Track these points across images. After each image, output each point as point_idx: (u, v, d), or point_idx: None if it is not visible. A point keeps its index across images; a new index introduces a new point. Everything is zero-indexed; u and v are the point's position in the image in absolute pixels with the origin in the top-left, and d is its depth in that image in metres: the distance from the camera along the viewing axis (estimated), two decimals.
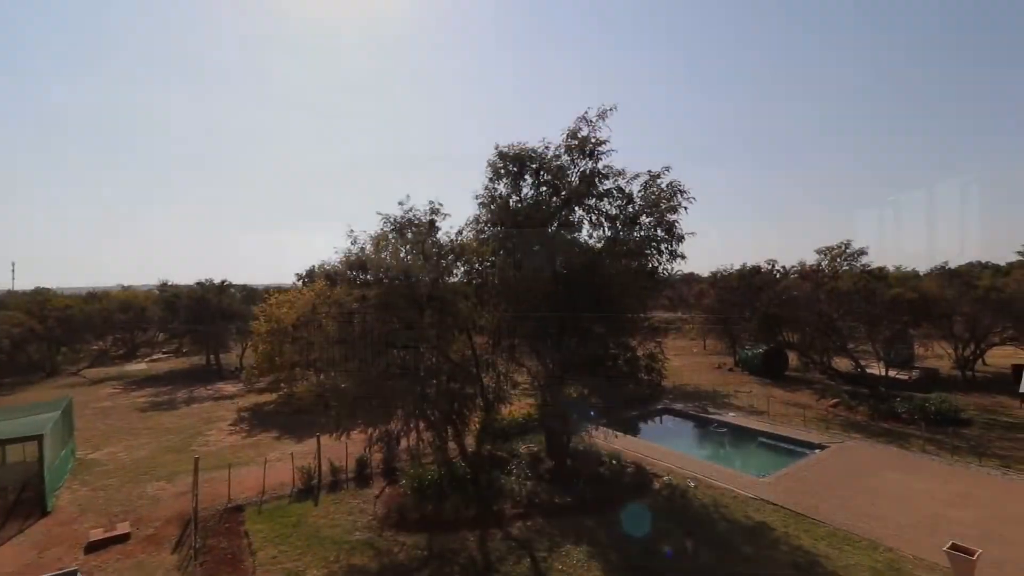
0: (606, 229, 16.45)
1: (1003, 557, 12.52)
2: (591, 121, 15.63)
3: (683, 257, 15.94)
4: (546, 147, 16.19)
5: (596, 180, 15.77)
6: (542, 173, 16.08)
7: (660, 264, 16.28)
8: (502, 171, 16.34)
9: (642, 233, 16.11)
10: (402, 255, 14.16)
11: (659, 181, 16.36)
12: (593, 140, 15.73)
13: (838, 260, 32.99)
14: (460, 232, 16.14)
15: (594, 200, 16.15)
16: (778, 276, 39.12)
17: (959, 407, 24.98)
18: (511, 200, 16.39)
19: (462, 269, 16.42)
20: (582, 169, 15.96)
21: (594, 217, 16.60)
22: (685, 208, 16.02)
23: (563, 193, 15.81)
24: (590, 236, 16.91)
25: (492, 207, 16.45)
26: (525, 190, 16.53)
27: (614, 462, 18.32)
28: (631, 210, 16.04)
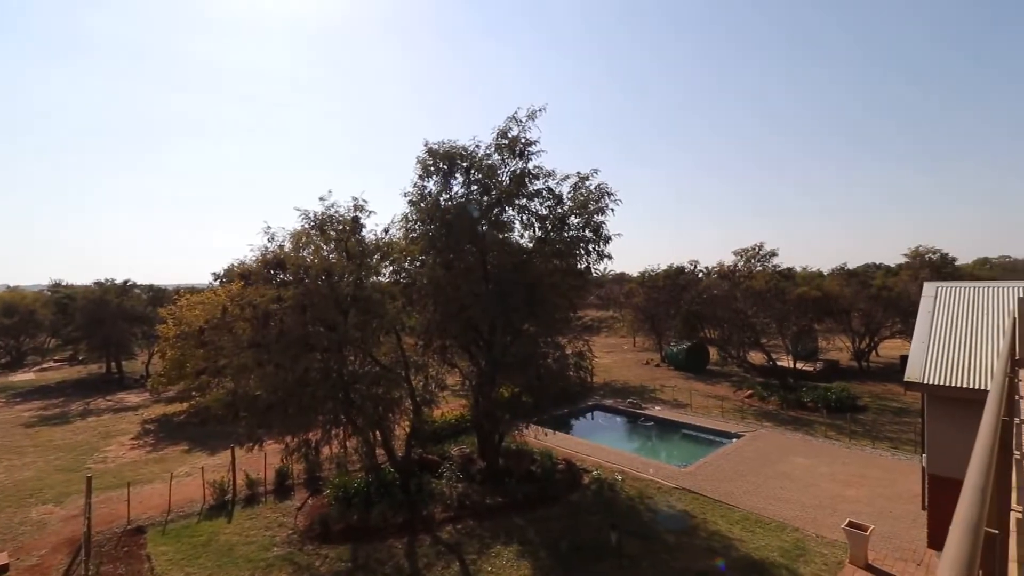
0: (536, 229, 16.52)
1: (891, 531, 13.79)
2: (521, 121, 15.63)
3: (610, 257, 16.33)
4: (477, 145, 16.02)
5: (526, 180, 15.78)
6: (473, 172, 15.88)
7: (589, 264, 16.57)
8: (432, 168, 15.98)
9: (571, 233, 16.31)
10: (324, 253, 13.45)
11: (588, 183, 16.63)
12: (523, 140, 15.74)
13: (753, 261, 35.30)
14: (387, 230, 15.62)
15: (524, 200, 16.16)
16: (700, 276, 41.25)
17: (856, 395, 27.48)
18: (441, 198, 16.06)
19: (390, 268, 15.93)
20: (512, 169, 15.92)
21: (525, 217, 16.64)
22: (612, 210, 16.41)
23: (493, 192, 15.70)
24: (521, 236, 16.94)
25: (422, 205, 16.04)
26: (456, 188, 16.28)
27: (546, 460, 18.48)
28: (561, 211, 16.19)
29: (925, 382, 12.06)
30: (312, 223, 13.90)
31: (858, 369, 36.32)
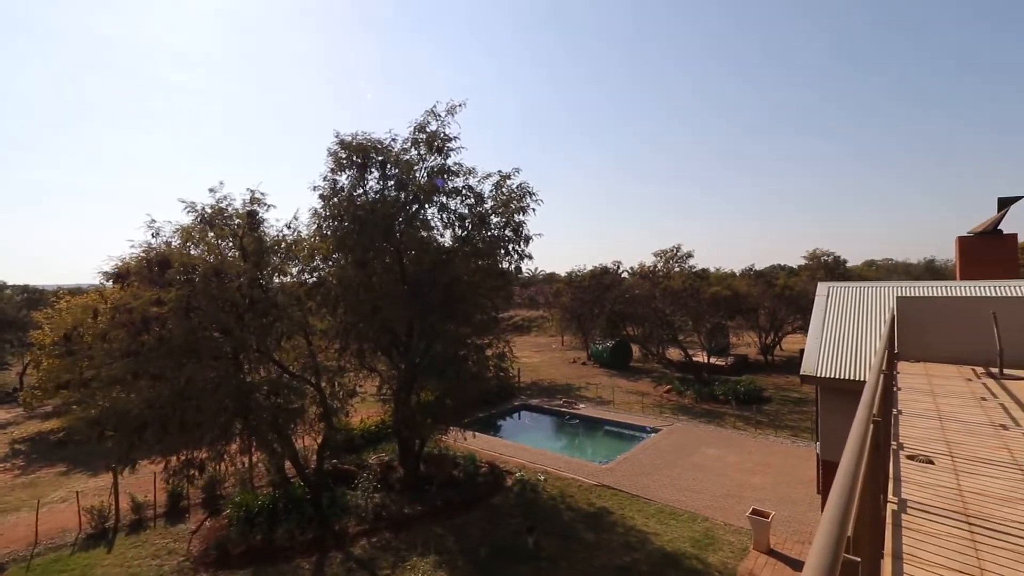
0: (456, 228, 16.09)
1: (791, 515, 14.69)
2: (439, 116, 15.13)
3: (530, 257, 16.19)
4: (393, 139, 15.33)
5: (446, 177, 15.29)
6: (389, 167, 15.17)
7: (510, 264, 16.37)
8: (345, 162, 15.09)
9: (493, 233, 16.03)
10: (219, 250, 12.24)
11: (509, 181, 16.43)
12: (442, 136, 15.25)
13: (671, 262, 36.88)
14: (289, 225, 14.49)
15: (444, 198, 15.68)
16: (624, 276, 42.58)
17: (762, 387, 29.37)
18: (355, 194, 15.21)
19: (296, 268, 14.86)
20: (430, 165, 15.38)
21: (445, 216, 16.16)
22: (534, 209, 16.30)
23: (410, 189, 15.07)
24: (441, 235, 16.44)
25: (334, 200, 15.11)
26: (371, 183, 15.49)
27: (469, 464, 18.13)
28: (481, 209, 15.85)
29: (818, 375, 12.89)
30: (199, 216, 12.57)
31: (764, 362, 38.97)
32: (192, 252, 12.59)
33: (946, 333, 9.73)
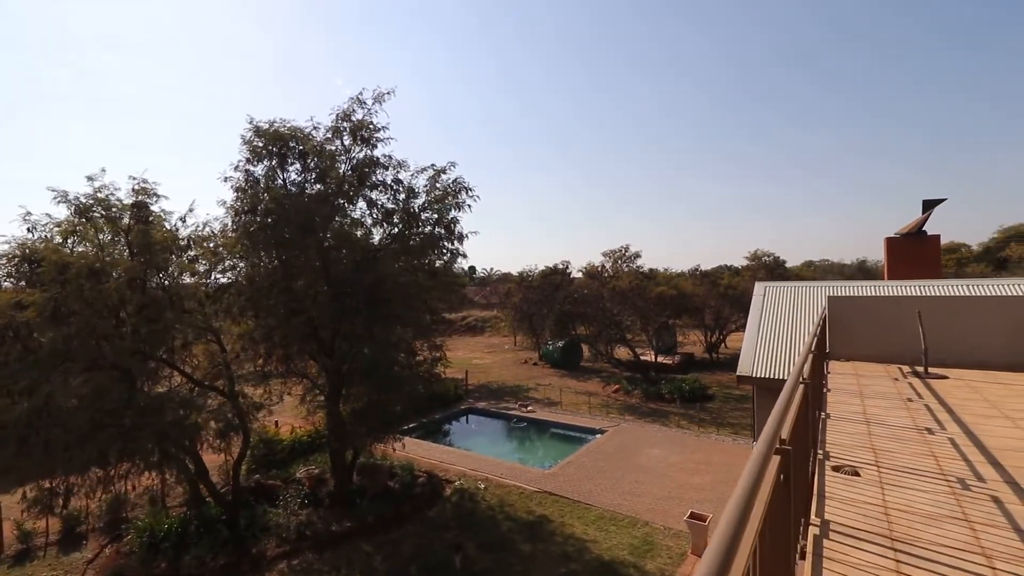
0: (385, 224, 15.17)
1: None
2: (366, 103, 14.17)
3: (464, 256, 15.50)
4: (315, 127, 14.22)
5: (371, 169, 14.34)
6: (310, 157, 14.07)
7: (445, 263, 15.60)
8: (262, 151, 13.88)
9: (426, 230, 15.21)
10: (98, 246, 10.85)
11: (444, 177, 15.65)
12: (369, 125, 14.29)
13: (619, 262, 37.01)
14: (183, 218, 13.14)
15: (371, 192, 14.71)
16: (573, 276, 42.52)
17: (706, 385, 29.77)
18: (272, 186, 14.02)
19: (202, 267, 13.51)
20: (356, 156, 14.39)
21: (374, 212, 15.20)
22: (470, 206, 15.61)
23: (328, 180, 14.01)
24: (369, 232, 15.45)
25: (248, 193, 13.86)
26: (291, 175, 14.34)
27: (406, 474, 17.21)
28: (411, 205, 14.99)
29: (754, 375, 12.83)
30: (73, 207, 11.09)
31: (710, 360, 39.78)
32: (78, 249, 11.12)
33: (874, 332, 9.69)
